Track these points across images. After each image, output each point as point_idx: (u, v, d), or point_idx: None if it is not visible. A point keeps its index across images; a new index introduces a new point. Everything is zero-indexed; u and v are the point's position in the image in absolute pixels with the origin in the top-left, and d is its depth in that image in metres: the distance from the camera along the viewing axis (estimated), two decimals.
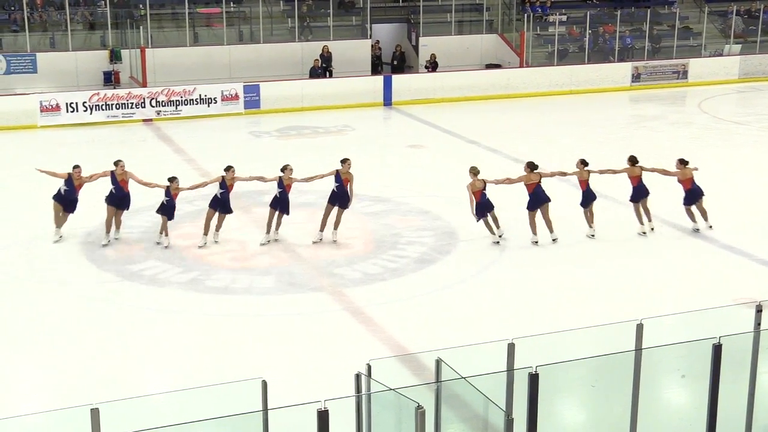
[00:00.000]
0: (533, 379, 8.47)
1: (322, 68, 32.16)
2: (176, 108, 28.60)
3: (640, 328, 9.54)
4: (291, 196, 16.73)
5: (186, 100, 28.69)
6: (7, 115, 26.91)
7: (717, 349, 9.13)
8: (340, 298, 14.61)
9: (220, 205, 16.67)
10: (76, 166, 16.93)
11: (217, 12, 32.91)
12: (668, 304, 14.07)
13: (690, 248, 16.98)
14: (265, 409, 8.33)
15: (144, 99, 28.31)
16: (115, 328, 13.60)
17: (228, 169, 16.75)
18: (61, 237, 16.96)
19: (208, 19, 33.19)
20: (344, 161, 16.90)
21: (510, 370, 9.08)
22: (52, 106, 27.32)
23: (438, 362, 9.00)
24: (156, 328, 13.64)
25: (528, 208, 16.89)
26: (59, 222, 17.01)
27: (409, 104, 30.97)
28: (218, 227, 16.83)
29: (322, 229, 16.89)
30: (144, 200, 17.90)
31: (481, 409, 8.45)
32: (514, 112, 30.16)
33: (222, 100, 29.11)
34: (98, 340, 13.19)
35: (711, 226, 17.70)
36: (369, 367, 8.94)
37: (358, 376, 9.05)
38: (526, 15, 34.77)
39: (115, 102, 28.01)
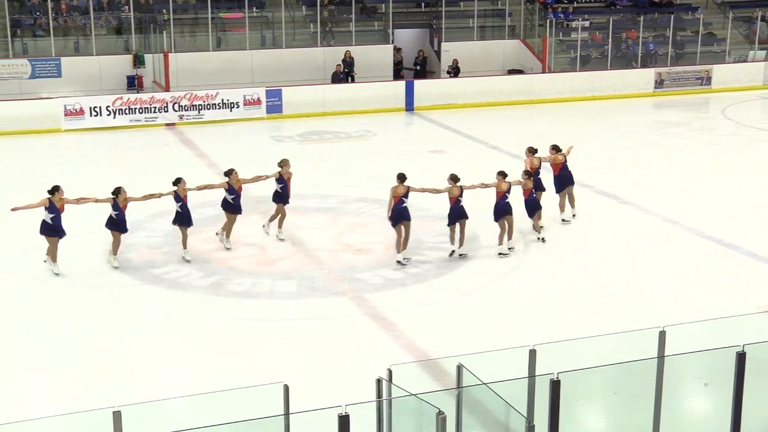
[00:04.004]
0: (555, 386, 8.44)
1: (344, 73, 32.21)
2: (199, 112, 28.72)
3: (662, 335, 9.49)
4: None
5: (208, 104, 28.81)
6: (32, 118, 27.13)
7: (741, 357, 9.07)
8: (362, 303, 14.61)
9: (232, 208, 16.65)
10: (55, 189, 15.60)
11: (240, 17, 33.01)
12: (690, 310, 13.98)
13: (712, 255, 16.87)
14: (287, 414, 8.35)
15: (167, 103, 28.45)
16: (136, 332, 13.66)
17: (229, 172, 16.65)
18: (58, 273, 15.71)
19: (231, 24, 33.31)
20: (284, 163, 17.16)
21: (531, 376, 9.06)
22: (76, 110, 27.51)
23: (459, 368, 8.99)
24: (177, 332, 13.69)
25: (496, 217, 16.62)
26: (54, 255, 15.73)
27: (430, 109, 30.95)
28: (226, 230, 16.84)
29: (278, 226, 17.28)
30: (165, 204, 17.97)
31: (503, 416, 8.43)
32: (536, 118, 30.08)
33: (244, 104, 29.21)
34: (120, 344, 13.25)
35: (575, 215, 17.99)
36: (390, 372, 8.94)
37: (379, 381, 9.04)
38: (548, 20, 34.69)
39: (138, 106, 28.17)
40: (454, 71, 33.41)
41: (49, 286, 15.37)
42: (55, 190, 15.63)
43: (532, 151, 17.93)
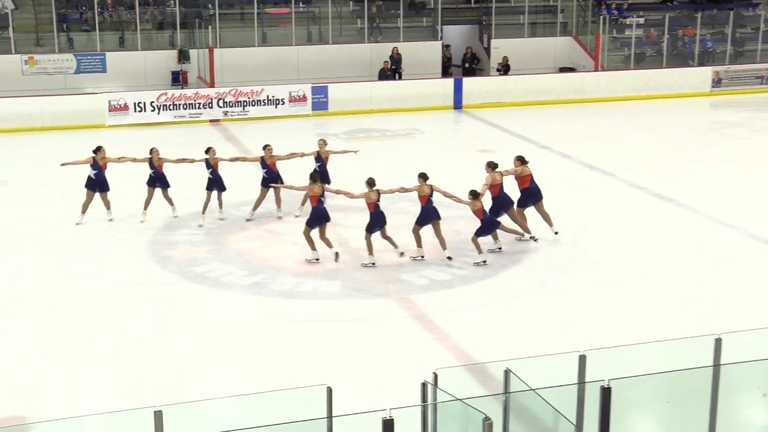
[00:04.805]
0: (605, 393, 8.34)
1: (392, 70, 32.21)
2: (243, 109, 28.90)
3: (718, 342, 9.35)
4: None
5: (253, 101, 28.98)
6: (76, 114, 27.52)
7: None
8: (407, 304, 14.59)
9: (266, 183, 18.01)
10: (98, 148, 18.24)
11: (286, 12, 33.17)
12: (748, 317, 13.76)
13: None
14: (330, 417, 8.35)
15: (211, 99, 28.67)
16: (178, 331, 13.77)
17: (264, 148, 18.25)
18: (81, 222, 18.22)
19: (277, 19, 33.47)
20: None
21: (581, 383, 8.98)
22: (120, 105, 27.82)
23: (507, 373, 8.94)
24: (219, 332, 13.76)
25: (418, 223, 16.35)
26: (85, 208, 18.29)
27: (479, 108, 30.85)
28: (255, 204, 18.14)
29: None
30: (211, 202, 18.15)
31: (551, 423, 8.36)
32: (588, 118, 29.86)
33: (290, 101, 29.34)
34: (161, 343, 13.36)
35: (557, 232, 17.17)
36: (435, 376, 8.91)
37: (424, 385, 9.02)
38: (601, 17, 34.40)
39: (182, 102, 28.42)
40: (504, 69, 33.27)
41: (89, 283, 15.55)
42: (98, 149, 18.29)
43: (492, 166, 16.87)
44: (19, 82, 29.93)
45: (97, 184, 18.23)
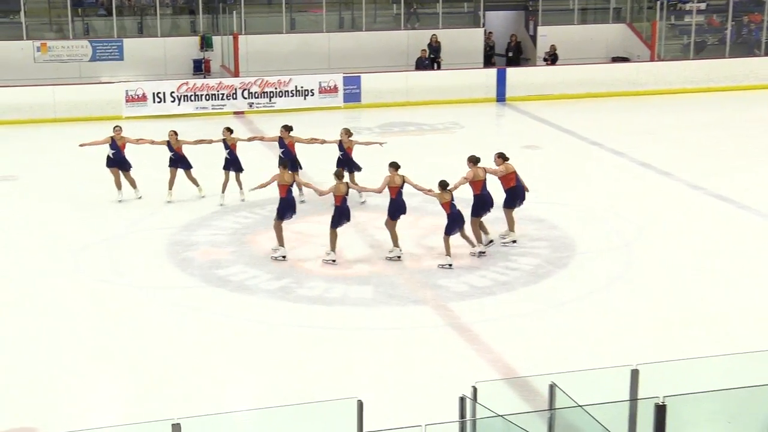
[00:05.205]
0: (660, 411, 8.33)
1: (430, 59, 32.24)
2: (270, 100, 29.04)
3: None
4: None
5: (281, 91, 29.11)
6: (91, 104, 27.69)
7: None
8: (444, 312, 14.60)
9: (289, 163, 17.99)
10: (116, 127, 19.86)
11: None
12: None
13: None
14: None
15: (236, 90, 28.83)
16: (199, 338, 13.86)
17: (287, 128, 19.40)
18: (121, 199, 19.70)
19: (307, 3, 33.59)
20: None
21: (633, 399, 8.96)
22: (138, 95, 28.04)
23: (552, 387, 8.94)
24: (243, 339, 13.85)
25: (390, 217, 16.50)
26: (119, 185, 19.72)
27: (524, 100, 30.79)
28: (298, 186, 18.46)
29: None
30: (230, 199, 18.24)
31: None
32: (643, 111, 29.70)
33: (319, 92, 29.44)
34: (181, 350, 13.46)
35: (515, 241, 17.10)
36: (474, 390, 8.93)
37: (462, 400, 9.04)
38: (658, 2, 34.23)
39: (204, 92, 28.60)
40: (552, 58, 33.19)
41: (103, 285, 15.70)
42: (117, 128, 19.89)
43: (473, 161, 16.68)
44: (31, 70, 30.29)
45: (117, 162, 19.61)
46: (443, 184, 16.09)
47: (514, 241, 17.07)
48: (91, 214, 19.24)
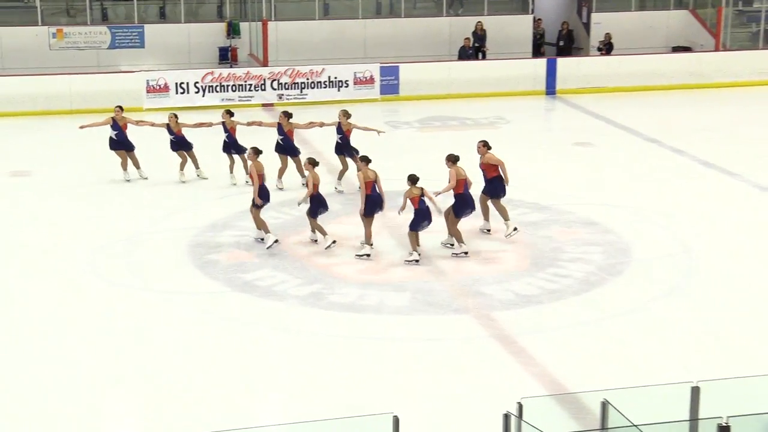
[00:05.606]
0: None
1: (474, 49, 32.23)
2: (301, 92, 29.14)
3: None
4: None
5: (313, 82, 29.21)
6: (110, 95, 27.60)
7: None
8: (488, 322, 14.59)
9: (283, 150, 20.22)
10: (117, 107, 21.27)
11: None
12: None
13: None
14: None
15: (264, 80, 28.96)
16: (223, 347, 13.93)
17: (287, 115, 20.44)
18: (129, 179, 21.18)
19: None
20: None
21: (694, 419, 8.93)
22: (159, 86, 28.23)
23: (604, 405, 8.93)
24: (270, 349, 13.91)
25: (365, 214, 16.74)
26: (125, 166, 21.16)
27: (576, 93, 30.73)
28: (279, 174, 20.27)
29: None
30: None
31: None
32: (706, 106, 29.56)
33: (354, 83, 29.51)
34: (206, 360, 13.53)
35: (516, 228, 17.24)
36: (520, 407, 8.93)
37: (506, 417, 9.04)
38: None
39: (231, 83, 28.75)
40: (606, 48, 33.08)
41: (120, 290, 15.80)
42: (117, 109, 21.24)
43: (452, 159, 16.83)
44: (46, 58, 30.57)
45: (120, 143, 21.07)
46: (413, 179, 16.33)
47: (515, 229, 17.23)
48: (108, 213, 19.40)
